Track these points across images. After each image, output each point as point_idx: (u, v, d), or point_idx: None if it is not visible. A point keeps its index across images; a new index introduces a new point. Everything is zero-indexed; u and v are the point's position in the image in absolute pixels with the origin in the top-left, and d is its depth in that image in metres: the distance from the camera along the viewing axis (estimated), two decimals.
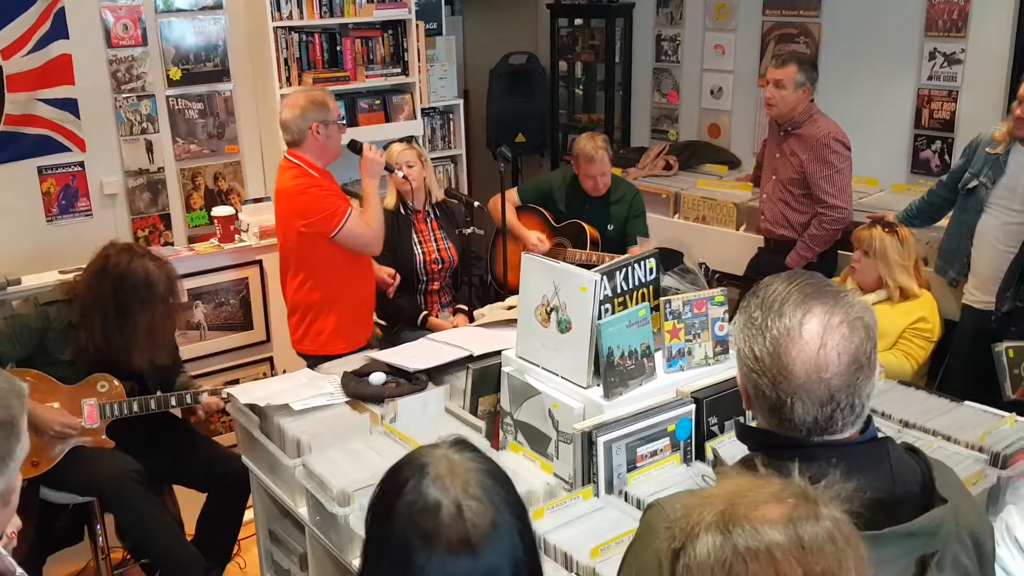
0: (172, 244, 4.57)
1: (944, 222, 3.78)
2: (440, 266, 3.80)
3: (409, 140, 3.90)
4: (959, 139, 4.35)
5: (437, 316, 3.86)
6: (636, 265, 2.40)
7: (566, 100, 6.27)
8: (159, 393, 3.13)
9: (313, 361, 3.24)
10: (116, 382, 3.04)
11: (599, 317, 2.25)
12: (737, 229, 4.62)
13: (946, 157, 4.46)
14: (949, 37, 4.35)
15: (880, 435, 1.38)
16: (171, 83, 4.54)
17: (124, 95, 4.41)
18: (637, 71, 5.83)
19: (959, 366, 3.58)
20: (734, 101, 5.35)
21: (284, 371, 3.68)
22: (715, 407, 2.27)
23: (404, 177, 3.65)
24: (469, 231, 3.81)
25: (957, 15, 4.29)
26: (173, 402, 3.09)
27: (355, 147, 3.49)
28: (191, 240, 4.61)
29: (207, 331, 4.01)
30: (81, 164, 4.36)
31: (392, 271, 3.70)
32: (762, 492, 1.08)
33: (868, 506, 1.15)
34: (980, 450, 2.23)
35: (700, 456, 2.24)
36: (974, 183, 3.48)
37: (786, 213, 4.07)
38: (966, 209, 3.55)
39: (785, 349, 1.29)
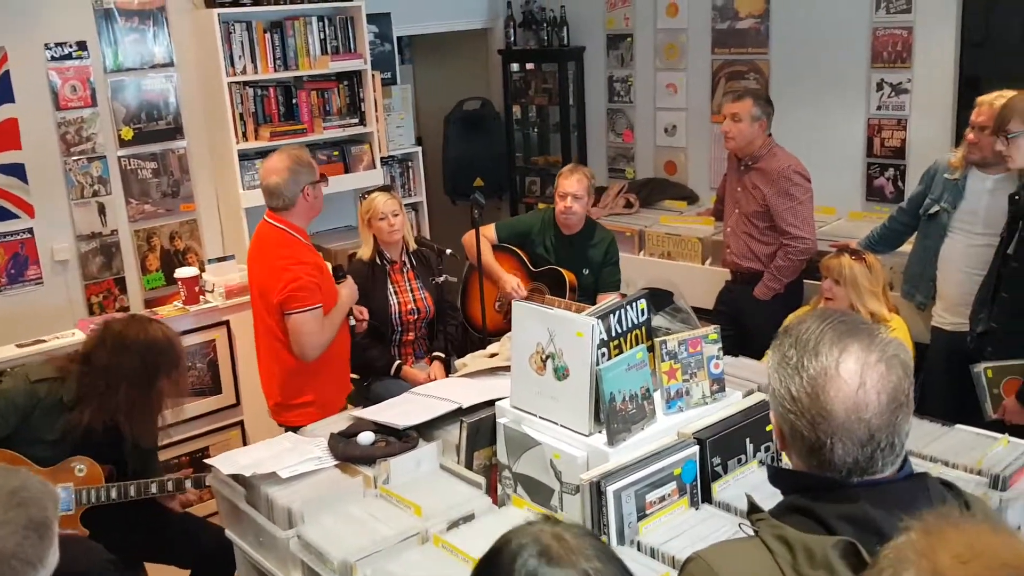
0: (128, 309, 4.44)
1: (907, 247, 3.85)
2: (416, 316, 3.74)
3: (387, 189, 3.84)
4: (911, 166, 4.47)
5: (411, 366, 3.80)
6: (628, 307, 2.38)
7: (522, 143, 6.30)
8: (139, 481, 2.99)
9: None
10: (95, 465, 2.90)
11: (597, 362, 2.22)
12: (703, 263, 4.66)
13: (899, 183, 4.57)
14: (895, 68, 4.48)
15: (917, 471, 1.36)
16: (123, 143, 4.45)
17: (74, 157, 4.31)
18: (591, 112, 5.89)
19: (934, 389, 3.63)
20: (688, 138, 5.43)
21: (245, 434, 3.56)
22: (717, 447, 2.24)
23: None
24: (442, 279, 3.76)
25: (901, 46, 4.43)
26: (154, 489, 2.95)
27: (338, 274, 3.44)
28: (148, 303, 4.49)
29: None
30: (30, 230, 4.24)
31: (364, 308, 3.63)
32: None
33: None
34: (979, 473, 2.24)
35: (706, 499, 2.22)
36: (935, 208, 3.56)
37: (751, 245, 4.11)
38: (929, 234, 3.63)
39: (823, 389, 1.27)
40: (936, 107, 4.38)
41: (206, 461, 2.79)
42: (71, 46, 4.24)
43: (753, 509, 1.38)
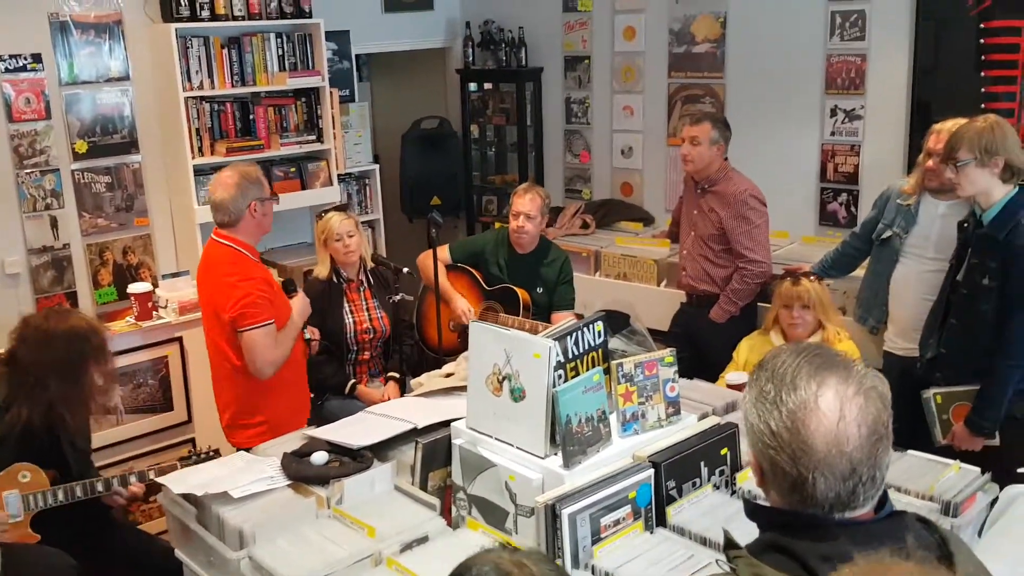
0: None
1: (860, 272, 3.92)
2: (371, 335, 3.71)
3: (344, 208, 3.81)
4: (863, 191, 4.56)
5: (366, 385, 3.77)
6: (585, 329, 2.39)
7: (479, 162, 6.31)
8: (84, 481, 2.94)
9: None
10: (39, 471, 2.85)
11: (554, 384, 2.22)
12: (658, 285, 4.69)
13: (852, 208, 4.65)
14: (848, 94, 4.57)
15: (896, 509, 1.36)
16: (76, 156, 4.38)
17: (27, 170, 4.23)
18: (548, 133, 5.92)
19: None
20: (645, 159, 5.49)
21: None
22: (672, 470, 2.25)
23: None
24: (398, 298, 3.75)
25: (855, 73, 4.52)
26: (100, 488, 2.91)
27: (288, 288, 3.42)
28: (100, 318, 4.38)
29: (124, 414, 3.81)
30: None
31: (315, 328, 3.59)
32: None
33: None
34: (931, 499, 2.28)
35: (661, 522, 2.22)
36: (888, 233, 3.62)
37: (707, 268, 4.16)
38: (881, 259, 3.69)
39: (803, 423, 1.26)
40: (889, 133, 4.47)
41: (157, 479, 2.74)
42: (26, 58, 4.16)
43: (730, 545, 1.35)
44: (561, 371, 2.29)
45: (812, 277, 3.63)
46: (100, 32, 4.39)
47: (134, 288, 3.90)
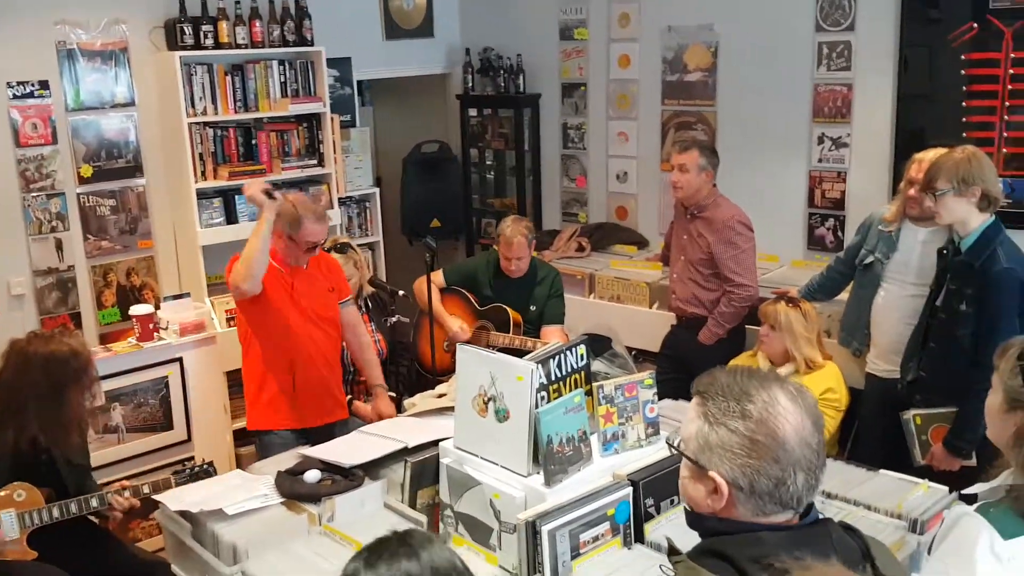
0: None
1: (844, 295, 4.00)
2: None
3: (343, 250, 3.89)
4: (850, 216, 4.65)
5: (364, 402, 3.86)
6: (568, 352, 2.48)
7: (478, 186, 6.42)
8: (79, 497, 3.01)
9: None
10: (34, 489, 2.92)
11: (536, 405, 2.31)
12: (650, 307, 4.78)
13: (839, 233, 4.75)
14: (835, 122, 4.68)
15: (821, 516, 1.46)
16: (82, 180, 4.49)
17: (33, 194, 4.34)
18: (546, 157, 6.03)
19: (868, 433, 3.76)
20: (639, 184, 5.59)
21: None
22: (651, 488, 2.34)
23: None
24: (394, 319, 3.84)
25: (841, 102, 4.63)
26: (95, 503, 2.98)
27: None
28: (103, 338, 4.50)
29: (125, 434, 3.90)
30: None
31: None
32: None
33: None
34: (899, 517, 2.36)
35: (639, 539, 2.30)
36: (870, 259, 3.71)
37: (696, 292, 4.25)
38: (864, 284, 3.78)
39: (775, 425, 1.36)
40: (874, 160, 4.57)
41: (154, 497, 2.83)
42: (33, 85, 4.28)
43: (673, 551, 1.46)
44: (544, 392, 2.38)
45: (791, 303, 3.70)
46: (106, 59, 4.52)
47: (136, 310, 4.00)
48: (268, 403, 3.43)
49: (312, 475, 2.67)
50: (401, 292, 3.87)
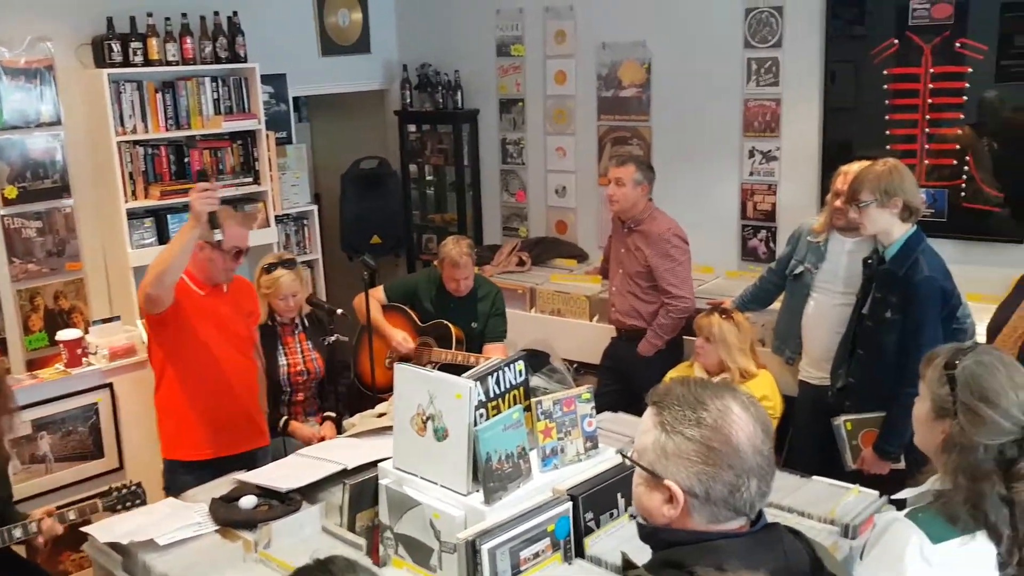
0: (9, 370, 4.30)
1: (777, 304, 4.09)
2: (305, 377, 3.76)
3: (291, 264, 3.82)
4: (781, 228, 4.76)
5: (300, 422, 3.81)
6: (507, 368, 2.48)
7: (418, 201, 6.41)
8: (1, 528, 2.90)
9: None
10: None
11: (475, 423, 2.31)
12: (590, 320, 4.82)
13: (771, 244, 4.85)
14: (765, 136, 4.79)
15: (770, 521, 1.49)
16: (6, 202, 4.37)
17: None
18: (485, 172, 6.05)
19: (802, 440, 3.84)
20: (578, 199, 5.64)
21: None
22: (590, 503, 2.35)
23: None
24: (333, 339, 3.81)
25: (770, 117, 4.74)
26: (17, 533, 2.86)
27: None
28: (30, 365, 4.37)
29: (53, 463, 3.77)
30: None
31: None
32: None
33: None
34: (832, 523, 2.41)
35: (580, 553, 2.31)
36: (800, 269, 3.80)
37: (635, 304, 4.30)
38: (794, 293, 3.87)
39: (729, 431, 1.38)
40: (802, 173, 4.69)
41: (83, 529, 2.74)
42: None
43: (629, 566, 1.46)
44: (483, 409, 2.38)
45: (724, 315, 3.77)
46: (31, 77, 4.41)
47: (63, 335, 3.88)
48: (188, 431, 3.32)
49: (248, 501, 2.63)
50: (339, 310, 3.83)
